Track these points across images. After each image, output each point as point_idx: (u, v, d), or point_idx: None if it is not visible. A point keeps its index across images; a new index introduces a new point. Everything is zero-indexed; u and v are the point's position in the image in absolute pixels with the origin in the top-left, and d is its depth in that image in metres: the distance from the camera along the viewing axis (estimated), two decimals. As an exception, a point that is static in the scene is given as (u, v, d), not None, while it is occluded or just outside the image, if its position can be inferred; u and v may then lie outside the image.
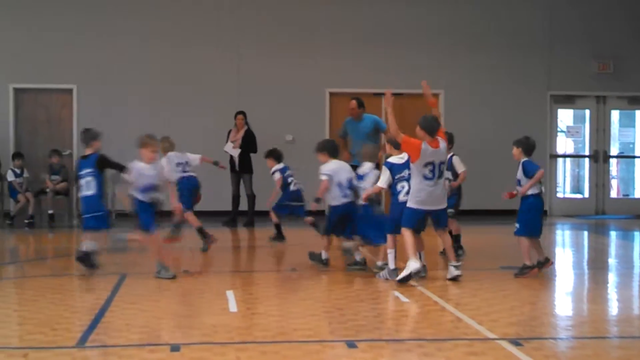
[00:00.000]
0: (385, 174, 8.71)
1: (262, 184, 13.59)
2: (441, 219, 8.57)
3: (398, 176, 8.58)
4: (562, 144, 17.93)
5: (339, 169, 9.37)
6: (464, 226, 10.42)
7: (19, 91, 15.94)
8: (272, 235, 11.64)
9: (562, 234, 14.69)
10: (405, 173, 8.51)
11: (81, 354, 5.67)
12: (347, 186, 9.25)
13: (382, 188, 8.84)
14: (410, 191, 8.38)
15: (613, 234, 14.71)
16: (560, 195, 17.73)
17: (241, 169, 14.39)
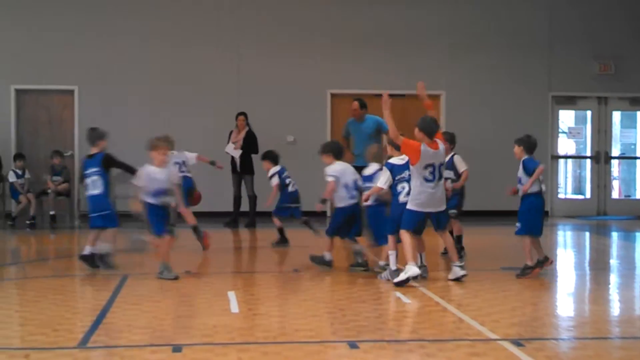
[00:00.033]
0: (386, 175, 8.71)
1: (264, 185, 13.53)
2: (441, 221, 8.56)
3: (398, 177, 8.58)
4: (564, 145, 17.93)
5: (345, 171, 9.38)
6: (465, 227, 10.41)
7: (20, 92, 15.95)
8: (276, 240, 11.48)
9: (563, 235, 14.68)
10: (406, 174, 8.50)
11: (83, 354, 5.67)
12: (354, 187, 9.27)
13: (381, 188, 8.84)
14: (411, 193, 8.36)
15: (614, 235, 14.70)
16: (561, 196, 17.73)
17: (242, 170, 14.39)
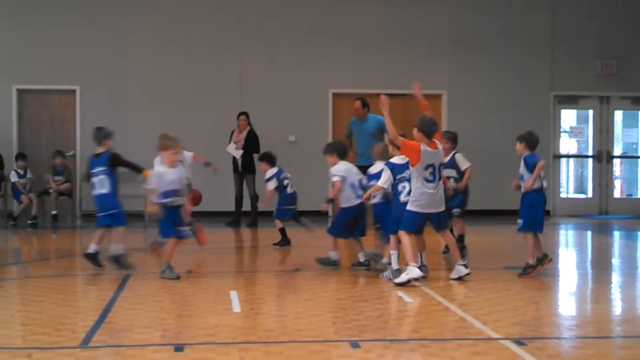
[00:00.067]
0: (387, 174, 8.71)
1: (265, 185, 13.57)
2: (442, 221, 8.53)
3: (399, 176, 8.57)
4: (566, 144, 17.91)
5: (350, 170, 9.35)
6: (467, 226, 10.40)
7: (22, 92, 15.96)
8: (278, 241, 11.45)
9: (565, 234, 14.67)
10: (407, 173, 8.48)
11: (85, 354, 5.67)
12: (359, 187, 9.24)
13: (382, 187, 8.85)
14: (411, 195, 8.33)
15: (616, 234, 14.69)
16: (563, 195, 17.71)
17: (244, 169, 14.39)
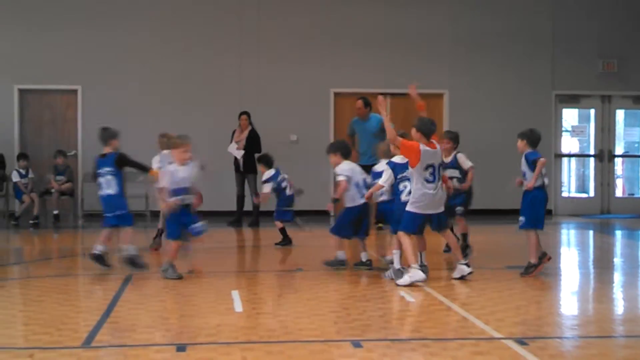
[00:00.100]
0: (388, 173, 8.71)
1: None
2: (442, 222, 8.50)
3: (400, 176, 8.56)
4: (567, 143, 17.90)
5: (354, 170, 9.31)
6: (469, 225, 10.38)
7: (23, 92, 15.97)
8: (280, 241, 11.44)
9: (567, 233, 14.67)
10: (408, 173, 8.45)
11: (87, 354, 5.67)
12: (364, 186, 9.19)
13: (382, 186, 8.85)
14: (411, 195, 8.30)
15: (618, 233, 14.69)
16: (565, 194, 17.71)
17: (245, 169, 14.40)
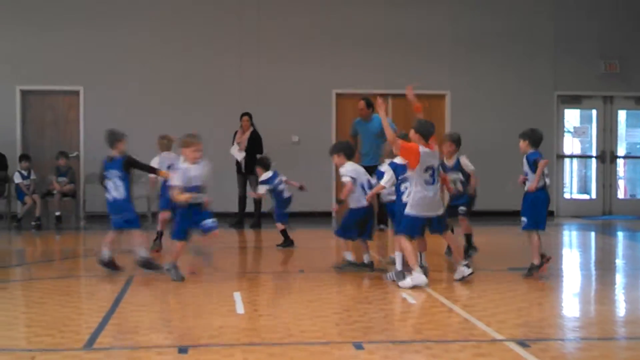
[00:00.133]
0: (389, 174, 8.71)
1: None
2: (442, 223, 8.49)
3: (402, 177, 8.55)
4: (569, 144, 17.90)
5: (358, 171, 9.28)
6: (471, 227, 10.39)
7: (25, 93, 15.98)
8: (281, 242, 11.45)
9: (569, 235, 14.66)
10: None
11: (89, 356, 5.67)
12: (368, 187, 9.16)
13: (384, 187, 8.83)
14: (411, 198, 8.26)
15: (620, 235, 14.68)
16: (567, 195, 17.70)
17: (247, 170, 14.38)
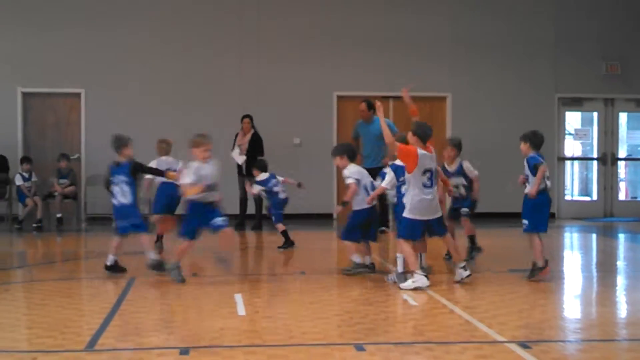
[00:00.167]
0: (390, 176, 8.71)
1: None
2: (441, 226, 8.47)
3: (402, 178, 8.55)
4: (570, 146, 17.89)
5: (361, 172, 9.23)
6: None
7: (27, 95, 16.00)
8: (282, 244, 11.48)
9: (570, 237, 14.65)
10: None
11: (90, 357, 5.67)
12: (372, 189, 9.12)
13: (385, 189, 8.83)
14: (409, 202, 8.25)
15: (621, 237, 14.67)
16: (568, 197, 17.70)
17: (248, 172, 14.35)
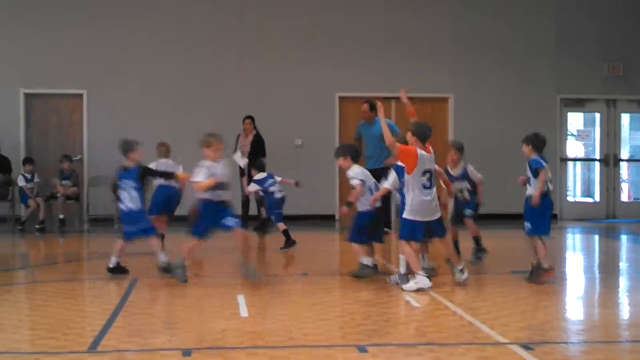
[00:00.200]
0: (392, 176, 8.71)
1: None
2: (441, 228, 8.46)
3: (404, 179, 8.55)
4: (572, 147, 17.88)
5: (365, 173, 9.20)
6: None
7: (29, 96, 16.00)
8: (284, 244, 11.46)
9: (572, 238, 14.65)
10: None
11: (93, 358, 5.68)
12: (376, 190, 9.08)
13: (388, 190, 8.82)
14: (408, 203, 8.23)
15: (624, 238, 14.65)
16: (570, 199, 17.68)
17: (249, 174, 14.36)
